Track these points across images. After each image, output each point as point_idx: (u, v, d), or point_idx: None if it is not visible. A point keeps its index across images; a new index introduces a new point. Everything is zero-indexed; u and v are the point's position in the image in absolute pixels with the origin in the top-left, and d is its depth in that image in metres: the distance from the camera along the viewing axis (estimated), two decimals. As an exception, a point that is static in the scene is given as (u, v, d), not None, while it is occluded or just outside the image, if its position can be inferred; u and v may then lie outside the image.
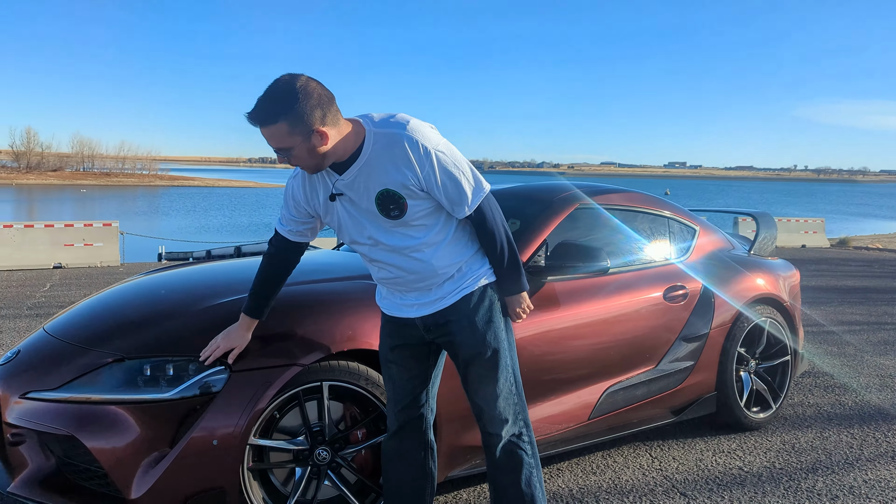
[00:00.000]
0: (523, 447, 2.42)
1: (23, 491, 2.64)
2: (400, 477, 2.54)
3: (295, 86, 2.06)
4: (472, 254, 2.37)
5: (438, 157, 2.18)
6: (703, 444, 3.85)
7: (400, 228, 2.28)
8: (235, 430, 2.51)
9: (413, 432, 2.53)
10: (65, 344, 2.84)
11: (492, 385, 2.37)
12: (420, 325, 2.43)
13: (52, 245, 12.32)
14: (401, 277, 2.37)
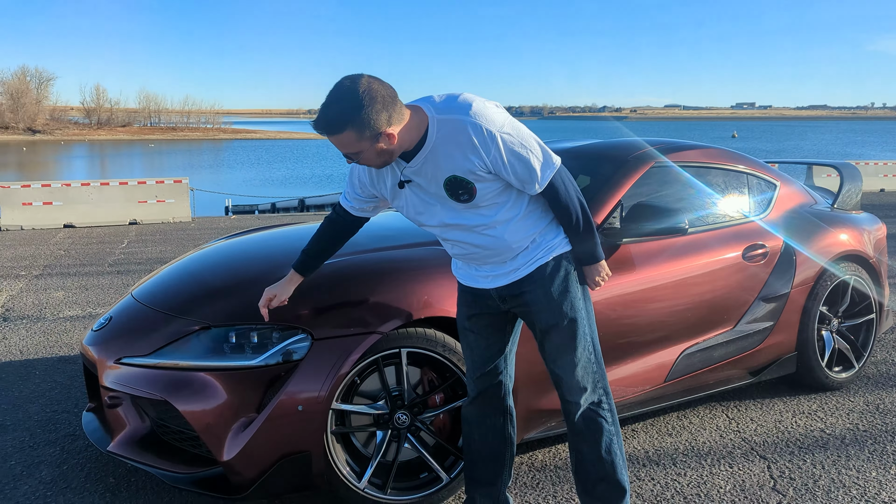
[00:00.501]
0: (603, 415, 2.42)
1: (121, 450, 2.79)
2: (480, 442, 2.58)
3: (358, 92, 2.03)
4: (545, 225, 2.35)
5: (504, 139, 2.15)
6: (782, 404, 3.79)
7: (471, 210, 2.26)
8: (319, 396, 2.58)
9: (492, 399, 2.56)
10: (153, 311, 2.95)
11: (570, 354, 2.37)
12: (495, 295, 2.43)
13: (126, 202, 12.71)
14: (475, 253, 2.37)
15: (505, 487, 2.59)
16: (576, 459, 2.47)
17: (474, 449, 2.59)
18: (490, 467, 2.57)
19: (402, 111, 2.11)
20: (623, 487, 2.44)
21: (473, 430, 2.58)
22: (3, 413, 3.79)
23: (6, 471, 3.15)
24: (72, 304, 6.30)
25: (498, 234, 2.29)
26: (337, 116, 2.04)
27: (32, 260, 8.68)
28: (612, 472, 2.41)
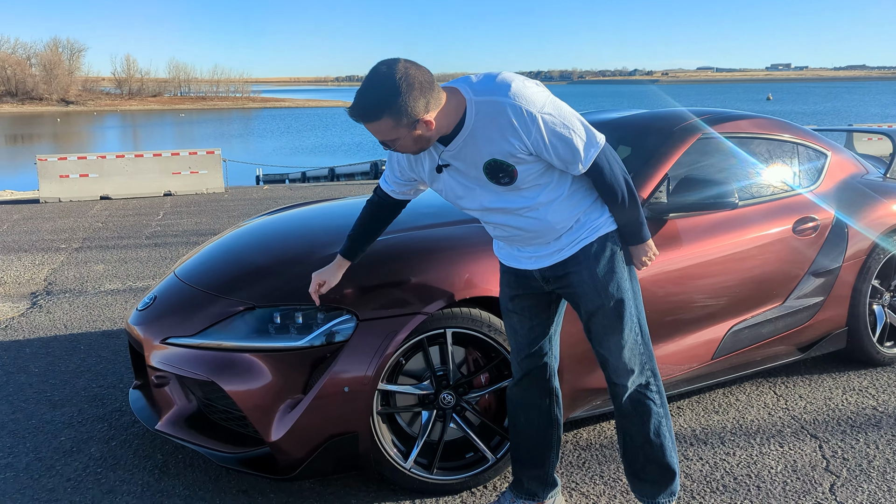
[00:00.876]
0: (651, 397, 2.38)
1: (169, 429, 2.81)
2: (526, 424, 2.55)
3: (395, 78, 1.97)
4: (589, 204, 2.28)
5: (545, 119, 2.07)
6: (832, 381, 3.70)
7: (512, 192, 2.21)
8: (365, 377, 2.57)
9: (537, 380, 2.52)
10: (197, 291, 2.95)
11: (616, 336, 2.31)
12: (538, 276, 2.38)
13: (160, 173, 12.82)
14: (517, 235, 2.32)
15: (553, 469, 2.57)
16: (623, 441, 2.44)
17: (520, 431, 2.56)
18: (537, 449, 2.55)
19: (440, 95, 2.05)
20: (672, 469, 2.40)
21: (519, 413, 2.56)
22: (53, 388, 3.85)
23: (56, 446, 3.20)
24: (112, 278, 6.38)
25: (541, 216, 2.24)
26: (373, 103, 1.99)
27: (71, 233, 8.80)
28: (660, 454, 2.38)
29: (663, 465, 2.39)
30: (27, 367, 4.17)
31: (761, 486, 2.74)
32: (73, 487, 2.86)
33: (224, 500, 2.75)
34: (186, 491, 2.82)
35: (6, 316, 5.24)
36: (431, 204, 3.39)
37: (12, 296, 5.83)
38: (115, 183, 12.50)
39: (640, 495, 2.44)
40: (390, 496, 2.74)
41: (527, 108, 2.06)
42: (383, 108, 1.99)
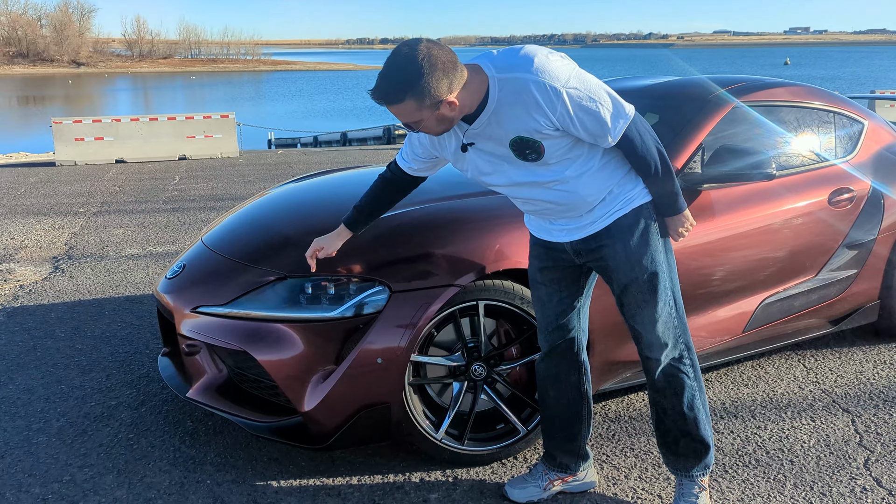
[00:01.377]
0: (685, 370, 2.35)
1: (200, 397, 2.81)
2: (555, 399, 2.53)
3: (417, 59, 1.92)
4: (622, 175, 2.23)
5: (570, 94, 2.01)
6: (862, 354, 3.67)
7: (541, 167, 2.15)
8: (398, 348, 2.55)
9: (565, 354, 2.49)
10: (227, 260, 2.93)
11: (650, 310, 2.28)
12: (570, 249, 2.34)
13: (175, 137, 12.78)
14: (548, 209, 2.28)
15: (584, 442, 2.56)
16: (657, 415, 2.42)
17: (550, 405, 2.54)
18: (568, 424, 2.54)
19: (463, 74, 2.01)
20: (707, 443, 2.38)
21: (548, 387, 2.53)
22: (80, 354, 3.87)
23: (87, 412, 3.22)
24: (132, 243, 6.39)
25: (572, 189, 2.19)
26: (396, 86, 1.95)
27: (89, 196, 8.81)
28: (694, 427, 2.36)
29: (697, 438, 2.37)
30: (53, 332, 4.19)
31: (794, 461, 2.72)
32: (105, 453, 2.88)
33: (255, 468, 2.76)
34: (218, 458, 2.83)
35: (29, 280, 5.26)
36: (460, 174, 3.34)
37: (34, 260, 5.85)
38: (130, 146, 12.48)
39: (674, 468, 2.43)
40: (420, 466, 2.75)
41: (551, 83, 2.00)
42: (406, 91, 1.95)
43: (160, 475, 2.72)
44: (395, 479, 2.68)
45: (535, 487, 2.54)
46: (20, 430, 3.06)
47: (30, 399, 3.35)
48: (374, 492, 2.61)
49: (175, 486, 2.65)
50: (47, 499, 2.58)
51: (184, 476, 2.71)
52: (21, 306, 4.66)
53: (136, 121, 12.74)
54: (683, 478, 2.41)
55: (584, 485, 2.59)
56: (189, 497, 2.58)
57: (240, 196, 8.71)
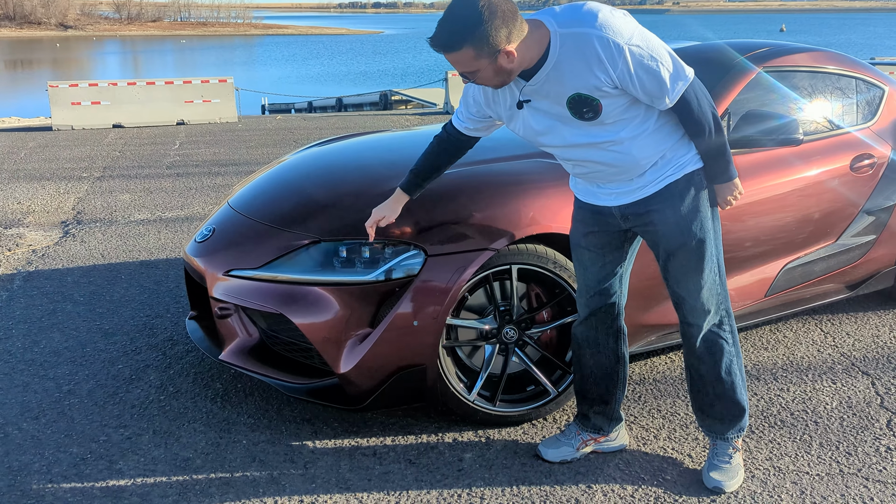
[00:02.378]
0: (724, 336, 2.38)
1: (234, 360, 2.84)
2: (591, 362, 2.56)
3: (478, 6, 1.92)
4: (676, 140, 2.24)
5: (632, 51, 2.01)
6: (877, 318, 3.73)
7: (596, 126, 2.16)
8: (434, 312, 2.58)
9: (604, 319, 2.52)
10: (259, 224, 2.94)
11: (696, 276, 2.30)
12: (618, 213, 2.35)
13: (173, 102, 12.65)
14: (600, 171, 2.28)
15: (619, 405, 2.60)
16: (692, 379, 2.46)
17: (586, 368, 2.58)
18: (603, 386, 2.57)
19: (523, 26, 2.01)
20: (742, 406, 2.43)
21: (584, 351, 2.57)
22: (101, 317, 3.89)
23: (115, 374, 3.25)
24: (140, 208, 6.37)
25: (625, 150, 2.20)
26: (454, 33, 1.96)
27: (90, 161, 8.75)
28: (731, 391, 2.40)
29: (733, 401, 2.42)
30: (72, 296, 4.20)
31: (818, 422, 2.78)
32: (139, 414, 2.91)
33: (289, 429, 2.80)
34: (251, 420, 2.87)
35: (41, 245, 5.25)
36: (495, 137, 3.34)
37: (43, 224, 5.83)
38: (127, 111, 12.35)
39: (708, 430, 2.48)
40: (453, 427, 2.79)
41: (614, 39, 2.00)
42: (465, 37, 1.95)
43: (196, 435, 2.76)
44: (428, 440, 2.72)
45: (568, 447, 2.59)
46: (50, 392, 3.09)
47: (57, 361, 3.37)
48: (409, 451, 2.65)
49: (212, 447, 2.69)
50: (86, 458, 2.61)
51: (219, 436, 2.75)
52: (36, 270, 4.66)
53: (133, 85, 12.59)
54: (717, 439, 2.46)
55: (616, 446, 2.63)
56: (227, 457, 2.62)
57: (243, 162, 8.67)
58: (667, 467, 2.52)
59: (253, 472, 2.54)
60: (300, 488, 2.45)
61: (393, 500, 2.39)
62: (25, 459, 2.60)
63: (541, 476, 2.49)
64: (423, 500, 2.38)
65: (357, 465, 2.57)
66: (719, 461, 2.43)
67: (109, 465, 2.57)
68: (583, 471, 2.51)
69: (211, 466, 2.57)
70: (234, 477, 2.51)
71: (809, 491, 2.37)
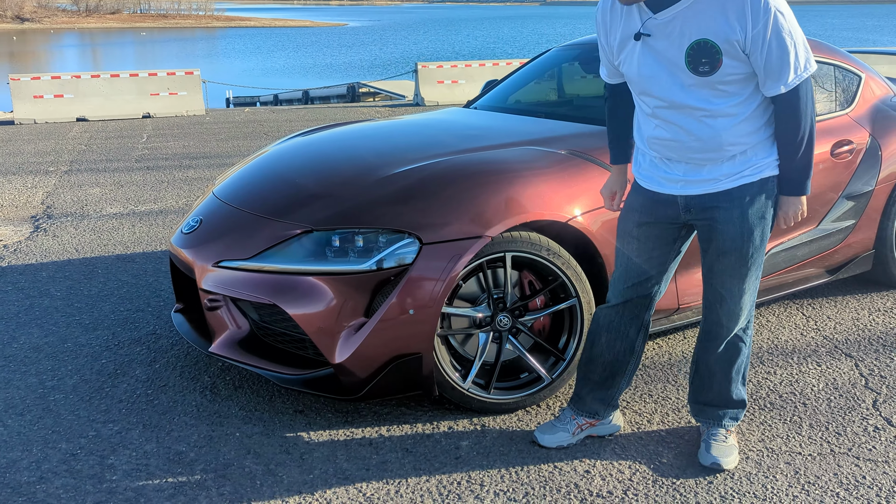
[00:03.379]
0: (745, 340, 2.39)
1: (225, 352, 2.80)
2: (605, 347, 2.51)
3: None
4: (763, 138, 2.17)
5: (777, 17, 1.97)
6: (856, 302, 3.80)
7: (701, 89, 2.08)
8: (430, 300, 2.57)
9: (634, 310, 2.46)
10: (248, 214, 2.90)
11: (740, 281, 2.27)
12: (681, 203, 2.26)
13: (138, 94, 12.42)
14: (679, 142, 2.18)
15: (619, 394, 2.59)
16: (700, 375, 2.46)
17: (596, 351, 2.53)
18: (610, 373, 2.54)
19: None
20: (744, 401, 2.48)
21: (602, 335, 2.51)
22: (80, 312, 3.81)
23: (99, 369, 3.18)
24: (112, 201, 6.25)
25: (717, 127, 2.11)
26: None
27: (56, 155, 8.55)
28: (736, 389, 2.46)
29: (737, 397, 2.47)
30: (48, 291, 4.10)
31: (807, 403, 2.83)
32: (127, 409, 2.86)
33: (282, 420, 2.77)
34: (242, 412, 2.83)
35: (12, 240, 5.12)
36: (487, 126, 3.35)
37: (12, 219, 5.69)
38: (91, 104, 12.09)
39: (705, 418, 2.50)
40: (447, 416, 2.79)
41: None
42: None
43: (187, 429, 2.72)
44: (423, 429, 2.71)
45: (563, 432, 2.59)
46: (34, 388, 3.01)
47: (38, 357, 3.29)
48: (406, 441, 2.64)
49: (204, 440, 2.65)
50: (76, 454, 2.56)
51: (211, 430, 2.71)
52: (9, 266, 4.55)
53: (97, 77, 12.33)
54: (712, 425, 2.49)
55: (610, 427, 2.65)
56: (220, 449, 2.59)
57: (214, 154, 8.55)
58: (662, 450, 2.55)
59: (249, 464, 2.51)
60: (298, 479, 2.43)
61: (392, 489, 2.38)
62: (13, 456, 2.54)
63: (538, 461, 2.50)
64: (423, 489, 2.37)
65: (354, 455, 2.56)
66: (714, 440, 2.45)
67: (101, 461, 2.52)
68: (580, 455, 2.52)
69: (205, 459, 2.53)
70: (229, 470, 2.47)
71: (803, 471, 2.41)
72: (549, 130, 3.30)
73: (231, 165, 7.61)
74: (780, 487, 2.32)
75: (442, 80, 13.90)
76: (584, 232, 2.78)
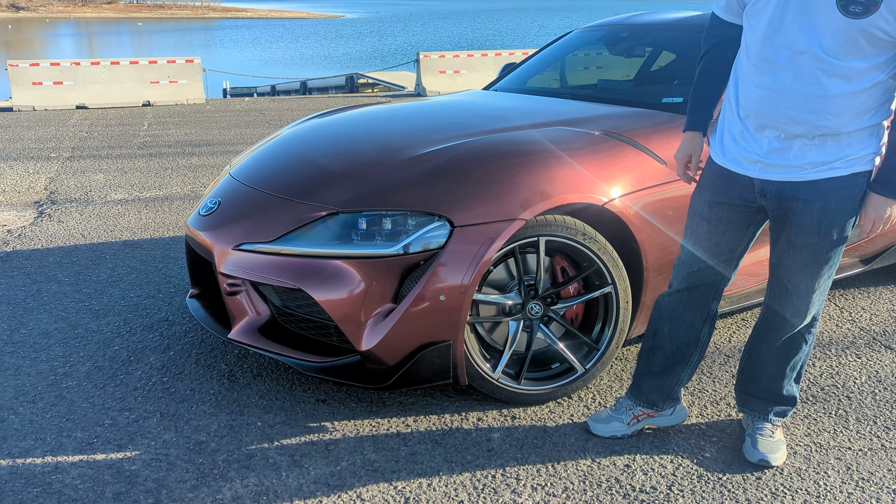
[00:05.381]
0: (807, 338, 2.26)
1: (244, 338, 2.69)
2: (668, 337, 2.38)
3: None
4: (866, 126, 1.96)
5: None
6: (890, 293, 3.70)
7: (837, 37, 1.86)
8: (461, 286, 2.45)
9: (698, 299, 2.30)
10: (270, 196, 2.78)
11: (812, 278, 2.12)
12: (758, 187, 2.09)
13: (138, 83, 12.26)
14: (779, 94, 1.96)
15: (680, 386, 2.44)
16: (752, 367, 2.35)
17: (658, 340, 2.40)
18: (672, 363, 2.40)
19: None
20: (794, 398, 2.36)
21: (664, 323, 2.37)
22: (89, 298, 3.69)
23: (112, 355, 3.07)
24: (116, 188, 6.12)
25: (829, 88, 1.90)
26: None
27: (57, 142, 8.41)
28: (789, 384, 2.34)
29: (788, 394, 2.35)
30: (56, 277, 3.98)
31: (851, 397, 2.73)
32: (143, 396, 2.75)
33: (305, 409, 2.66)
34: (263, 401, 2.72)
35: (16, 225, 4.99)
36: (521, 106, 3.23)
37: (15, 204, 5.55)
38: (90, 91, 11.93)
39: (750, 409, 2.39)
40: (475, 406, 2.69)
41: None
42: None
43: (206, 418, 2.61)
44: (451, 420, 2.61)
45: (618, 422, 2.46)
46: (45, 375, 2.90)
47: (48, 343, 3.18)
48: (434, 432, 2.54)
49: (225, 429, 2.54)
50: (92, 443, 2.45)
51: (231, 419, 2.60)
52: (14, 251, 4.42)
53: (96, 65, 12.17)
54: (757, 417, 2.39)
55: (671, 419, 2.51)
56: (243, 439, 2.48)
57: (217, 142, 8.42)
58: (704, 444, 2.44)
59: (272, 454, 2.40)
60: (325, 471, 2.32)
61: (425, 482, 2.27)
62: (26, 445, 2.43)
63: (575, 455, 2.39)
64: (457, 482, 2.27)
65: (381, 447, 2.45)
66: (761, 435, 2.34)
67: (119, 450, 2.41)
68: (618, 449, 2.42)
69: (227, 449, 2.42)
70: (252, 461, 2.36)
71: (855, 467, 2.31)
72: (579, 111, 3.19)
73: (235, 153, 7.51)
74: (832, 484, 2.22)
75: (444, 70, 13.75)
76: (620, 216, 2.66)
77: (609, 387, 2.82)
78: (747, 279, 3.11)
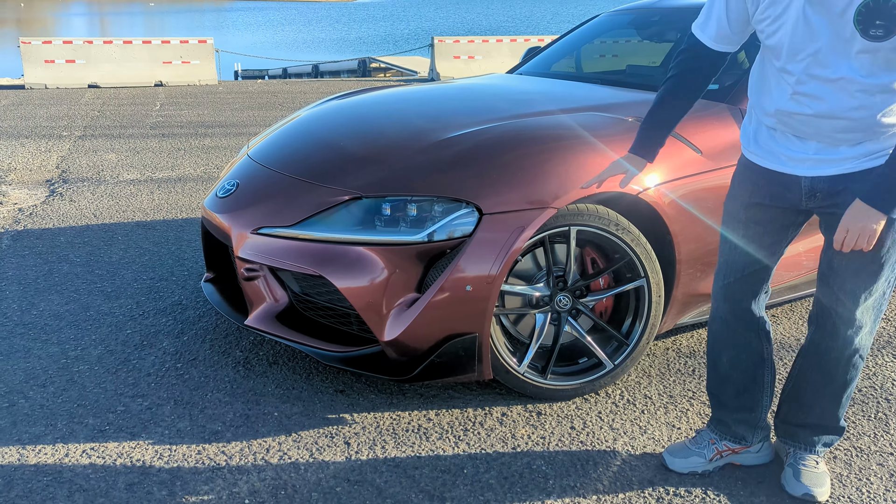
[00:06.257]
0: (863, 355, 2.03)
1: (261, 325, 2.60)
2: (731, 366, 2.18)
3: None
4: None
5: None
6: (923, 293, 3.59)
7: (863, 57, 1.73)
8: (489, 276, 2.35)
9: (744, 312, 2.11)
10: (290, 178, 2.68)
11: (867, 281, 1.91)
12: (805, 186, 1.91)
13: (151, 62, 12.18)
14: (822, 118, 1.82)
15: (765, 413, 2.22)
16: (798, 392, 2.13)
17: (722, 370, 2.20)
18: (745, 391, 2.18)
19: None
20: (842, 427, 2.15)
21: (723, 353, 2.18)
22: (101, 279, 3.61)
23: (124, 339, 2.99)
24: (128, 168, 6.03)
25: (874, 106, 1.77)
26: None
27: (69, 120, 8.33)
28: (837, 410, 2.11)
29: (835, 423, 2.13)
30: (67, 257, 3.90)
31: (890, 399, 2.63)
32: (156, 383, 2.67)
33: (323, 400, 2.58)
34: (279, 390, 2.64)
35: (27, 203, 4.92)
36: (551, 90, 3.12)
37: (27, 183, 5.48)
38: (103, 70, 11.85)
39: (793, 440, 2.19)
40: (498, 401, 2.60)
41: None
42: None
43: (222, 407, 2.52)
44: (474, 414, 2.52)
45: (698, 457, 2.22)
46: (56, 358, 2.82)
47: (59, 325, 3.10)
48: (456, 427, 2.45)
49: (240, 419, 2.45)
50: (104, 430, 2.37)
51: (247, 408, 2.52)
52: (25, 229, 4.35)
53: (109, 43, 12.09)
54: (800, 449, 2.18)
55: (758, 457, 2.26)
56: (259, 430, 2.40)
57: (230, 124, 8.33)
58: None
59: (290, 447, 2.31)
60: (345, 466, 2.23)
61: (449, 479, 2.18)
62: (36, 431, 2.35)
63: (605, 456, 2.30)
64: (483, 480, 2.18)
65: (402, 442, 2.36)
66: (804, 467, 2.14)
67: (131, 438, 2.33)
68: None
69: (243, 440, 2.34)
70: (269, 453, 2.28)
71: (898, 472, 2.21)
72: (609, 97, 3.08)
73: (248, 136, 7.41)
74: (875, 491, 2.13)
75: (458, 56, 13.61)
76: (654, 206, 2.55)
77: (637, 383, 2.73)
78: (782, 273, 3.01)
